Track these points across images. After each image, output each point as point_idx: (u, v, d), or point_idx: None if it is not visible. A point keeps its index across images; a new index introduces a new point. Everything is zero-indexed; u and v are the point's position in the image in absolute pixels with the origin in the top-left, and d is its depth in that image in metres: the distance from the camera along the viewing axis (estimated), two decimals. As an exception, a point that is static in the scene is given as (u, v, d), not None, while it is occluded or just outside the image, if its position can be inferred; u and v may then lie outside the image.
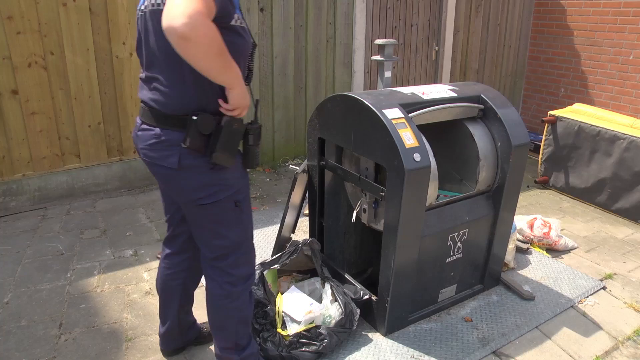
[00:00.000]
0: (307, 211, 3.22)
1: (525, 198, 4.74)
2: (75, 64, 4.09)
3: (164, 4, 1.59)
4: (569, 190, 4.80)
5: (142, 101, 1.87)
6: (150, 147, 1.84)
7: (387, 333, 2.65)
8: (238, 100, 1.78)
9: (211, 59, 1.56)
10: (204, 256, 2.08)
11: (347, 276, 2.85)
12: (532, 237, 3.67)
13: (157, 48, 1.75)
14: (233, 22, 1.71)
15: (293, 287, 2.70)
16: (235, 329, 2.13)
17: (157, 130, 1.80)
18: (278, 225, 3.18)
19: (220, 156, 1.77)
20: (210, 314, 2.16)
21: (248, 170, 2.03)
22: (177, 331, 2.38)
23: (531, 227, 3.69)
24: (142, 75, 1.87)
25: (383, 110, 2.33)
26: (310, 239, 2.76)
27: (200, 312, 2.51)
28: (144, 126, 1.85)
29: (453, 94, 2.71)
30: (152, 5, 1.73)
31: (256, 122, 1.93)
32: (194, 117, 1.72)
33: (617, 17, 5.91)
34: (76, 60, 4.09)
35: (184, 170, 1.81)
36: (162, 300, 2.35)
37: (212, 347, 2.46)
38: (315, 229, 3.06)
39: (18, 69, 3.87)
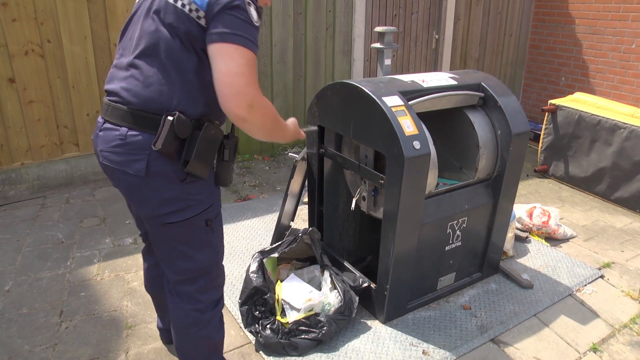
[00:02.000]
0: (306, 199, 3.22)
1: (525, 187, 4.75)
2: (72, 52, 4.07)
3: (187, 6, 1.55)
4: (568, 180, 4.80)
5: (110, 93, 1.67)
6: (113, 149, 1.62)
7: (386, 321, 2.66)
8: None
9: (265, 134, 1.69)
10: (167, 280, 1.88)
11: (346, 264, 2.86)
12: (531, 225, 3.67)
13: (152, 36, 1.60)
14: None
15: (292, 275, 2.71)
16: (207, 358, 1.98)
17: (124, 130, 1.60)
18: (277, 213, 3.18)
19: (196, 165, 1.61)
20: (176, 342, 1.97)
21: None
22: None
23: (530, 215, 3.70)
24: (122, 60, 1.67)
25: (383, 98, 2.32)
26: (311, 228, 2.76)
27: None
28: (107, 125, 1.65)
29: (453, 82, 2.70)
30: None
31: (232, 135, 1.79)
32: (170, 118, 1.55)
33: (620, 5, 5.86)
34: (74, 48, 4.07)
35: (152, 179, 1.61)
36: (154, 300, 2.29)
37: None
38: (315, 217, 3.06)
39: (15, 57, 3.84)
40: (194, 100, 1.62)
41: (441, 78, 2.72)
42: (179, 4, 1.57)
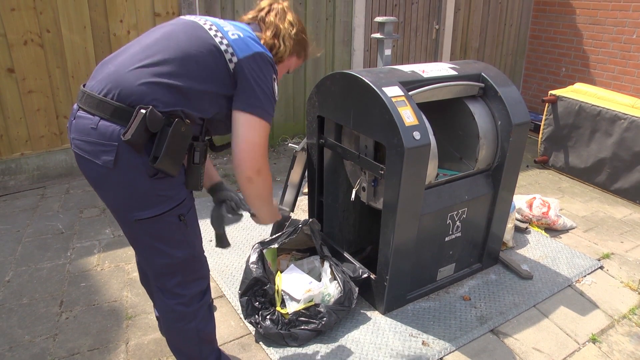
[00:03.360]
0: (306, 190, 3.22)
1: (525, 178, 4.74)
2: (72, 41, 4.05)
3: (224, 45, 1.67)
4: (568, 170, 4.79)
5: (91, 80, 1.69)
6: (84, 138, 1.61)
7: (386, 311, 2.67)
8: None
9: (261, 200, 1.88)
10: (150, 276, 1.89)
11: (346, 255, 2.86)
12: (531, 216, 3.67)
13: (173, 48, 1.64)
14: None
15: (292, 265, 2.71)
16: (198, 350, 1.98)
17: (96, 119, 1.59)
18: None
19: (165, 162, 1.58)
20: (166, 336, 2.01)
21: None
22: None
23: (530, 206, 3.70)
24: (121, 56, 1.68)
25: (383, 88, 2.31)
26: (311, 219, 2.76)
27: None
28: (81, 113, 1.63)
29: (453, 72, 2.68)
30: (212, 30, 1.71)
31: (203, 137, 1.78)
32: (142, 110, 1.52)
33: (621, -5, 5.83)
34: (73, 37, 4.04)
35: (120, 172, 1.59)
36: (148, 292, 2.30)
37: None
38: (315, 208, 3.06)
39: (14, 47, 3.82)
40: (174, 102, 1.60)
41: (441, 68, 2.71)
42: (217, 40, 1.68)
